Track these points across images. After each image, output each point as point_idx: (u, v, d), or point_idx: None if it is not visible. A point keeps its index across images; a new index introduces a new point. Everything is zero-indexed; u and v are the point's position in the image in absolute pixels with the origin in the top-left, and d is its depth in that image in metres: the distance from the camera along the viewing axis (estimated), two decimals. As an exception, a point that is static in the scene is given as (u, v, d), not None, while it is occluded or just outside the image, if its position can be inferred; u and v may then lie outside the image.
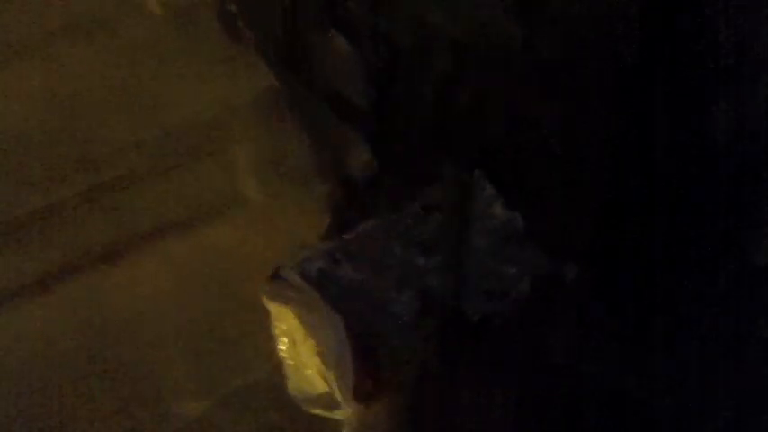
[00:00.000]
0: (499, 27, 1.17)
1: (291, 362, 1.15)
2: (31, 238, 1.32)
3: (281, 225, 1.45)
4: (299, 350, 1.13)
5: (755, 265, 1.12)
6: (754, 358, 1.13)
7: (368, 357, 1.06)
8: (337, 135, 1.50)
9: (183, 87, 1.44)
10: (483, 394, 1.18)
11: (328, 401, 1.11)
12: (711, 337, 1.14)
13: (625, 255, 1.18)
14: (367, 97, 1.41)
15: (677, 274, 1.15)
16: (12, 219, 1.28)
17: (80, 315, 1.32)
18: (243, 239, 1.44)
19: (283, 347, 1.15)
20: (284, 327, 1.15)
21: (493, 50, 1.20)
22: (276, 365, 1.24)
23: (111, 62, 1.50)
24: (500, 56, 1.19)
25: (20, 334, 1.28)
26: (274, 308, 1.16)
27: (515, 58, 1.17)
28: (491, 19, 1.18)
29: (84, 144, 1.32)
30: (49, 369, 1.23)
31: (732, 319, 1.12)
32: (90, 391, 1.20)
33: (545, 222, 1.18)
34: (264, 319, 1.25)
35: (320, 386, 1.11)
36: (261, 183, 1.49)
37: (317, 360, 1.10)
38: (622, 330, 1.17)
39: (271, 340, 1.25)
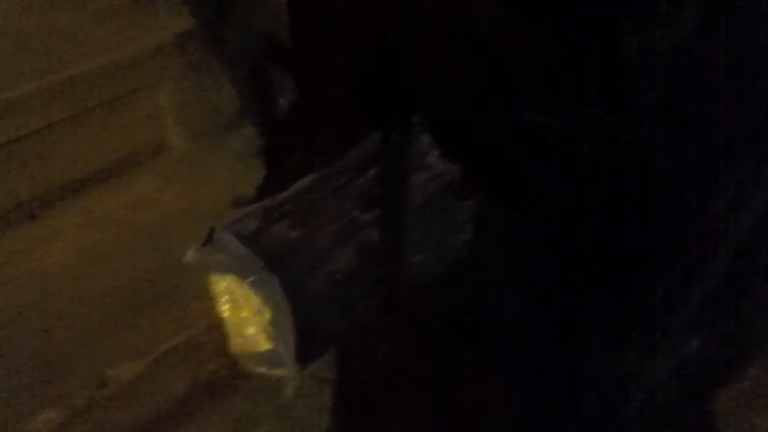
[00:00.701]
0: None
1: (233, 320, 1.13)
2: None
3: (207, 173, 1.41)
4: (240, 308, 1.12)
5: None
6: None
7: (307, 316, 1.05)
8: (263, 77, 1.45)
9: (101, 28, 1.35)
10: (429, 346, 1.20)
11: (271, 359, 1.10)
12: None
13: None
14: (297, 39, 1.36)
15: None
16: None
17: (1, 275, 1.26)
18: (168, 189, 1.40)
19: (223, 307, 1.13)
20: (223, 285, 1.12)
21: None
22: (212, 321, 1.22)
23: (23, 3, 1.38)
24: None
25: None
26: (211, 269, 1.13)
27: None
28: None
29: (-4, 93, 1.23)
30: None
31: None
32: (15, 360, 1.15)
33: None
34: (198, 273, 1.23)
35: (263, 344, 1.10)
36: (185, 128, 1.43)
37: (258, 318, 1.09)
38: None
39: (205, 295, 1.23)
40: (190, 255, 1.07)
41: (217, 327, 1.22)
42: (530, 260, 1.15)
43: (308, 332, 1.05)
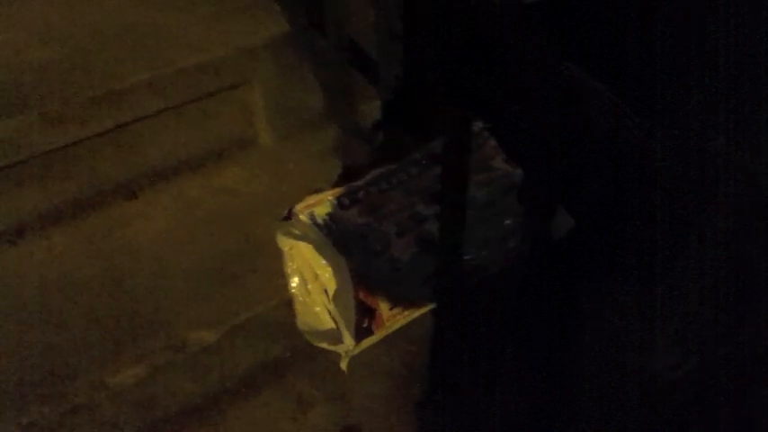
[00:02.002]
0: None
1: (301, 299, 1.22)
2: (50, 173, 1.37)
3: (289, 168, 1.50)
4: (309, 288, 1.20)
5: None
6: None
7: (368, 297, 1.13)
8: (348, 82, 1.54)
9: (199, 29, 1.46)
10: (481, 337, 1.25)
11: (333, 336, 1.18)
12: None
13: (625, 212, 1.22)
14: (379, 47, 1.44)
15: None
16: (32, 154, 1.33)
17: (97, 248, 1.38)
18: (253, 181, 1.49)
19: (294, 285, 1.22)
20: (295, 266, 1.21)
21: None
22: (282, 301, 1.31)
23: (128, 1, 1.52)
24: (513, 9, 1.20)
25: (39, 264, 1.34)
26: (287, 246, 1.23)
27: (526, 12, 1.19)
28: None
29: (101, 82, 1.35)
30: (66, 298, 1.29)
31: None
32: (104, 320, 1.26)
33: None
34: (272, 257, 1.32)
35: (327, 322, 1.18)
36: (272, 126, 1.53)
37: (324, 298, 1.17)
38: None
39: (277, 277, 1.32)
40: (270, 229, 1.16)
41: (285, 305, 1.31)
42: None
43: (366, 313, 1.13)
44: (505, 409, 1.29)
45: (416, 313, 1.20)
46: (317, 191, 1.30)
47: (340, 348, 1.18)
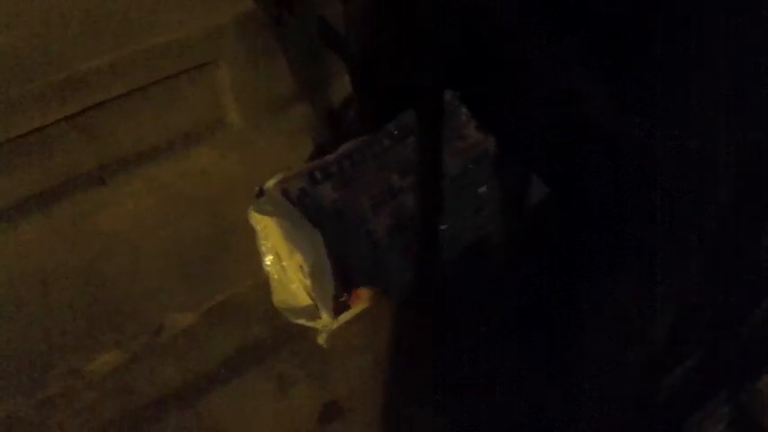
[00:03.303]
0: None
1: (276, 276, 1.21)
2: (14, 163, 1.34)
3: (260, 148, 1.48)
4: (284, 266, 1.19)
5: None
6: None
7: (345, 271, 1.12)
8: (317, 59, 1.52)
9: (161, 8, 1.43)
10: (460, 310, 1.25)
11: (310, 312, 1.17)
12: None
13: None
14: (348, 21, 1.42)
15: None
16: (-3, 143, 1.30)
17: (67, 236, 1.35)
18: (224, 162, 1.48)
19: (269, 263, 1.21)
20: (269, 244, 1.20)
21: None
22: (258, 281, 1.30)
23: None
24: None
25: (8, 255, 1.32)
26: (260, 225, 1.22)
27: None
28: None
29: (61, 66, 1.32)
30: (38, 288, 1.27)
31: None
32: (78, 308, 1.25)
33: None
34: (246, 237, 1.31)
35: (303, 299, 1.17)
36: (242, 105, 1.51)
37: (299, 275, 1.16)
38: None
39: (252, 257, 1.31)
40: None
41: (262, 286, 1.30)
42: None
43: (344, 287, 1.12)
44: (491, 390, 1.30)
45: (394, 288, 1.20)
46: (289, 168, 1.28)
47: (318, 324, 1.17)
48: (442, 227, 1.17)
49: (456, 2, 1.16)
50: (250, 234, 1.29)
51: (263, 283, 1.30)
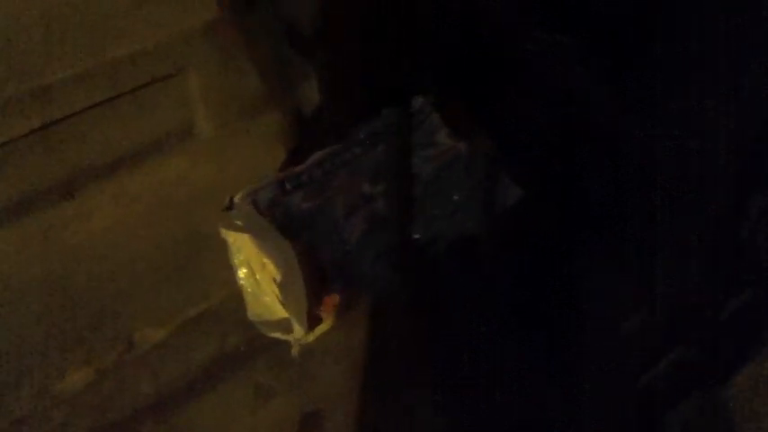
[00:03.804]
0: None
1: (250, 289, 1.20)
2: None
3: (232, 156, 1.46)
4: (257, 278, 1.18)
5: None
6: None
7: (318, 282, 1.11)
8: (287, 64, 1.51)
9: (127, 15, 1.41)
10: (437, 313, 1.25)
11: (285, 325, 1.16)
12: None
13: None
14: (315, 26, 1.41)
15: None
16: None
17: (34, 251, 1.33)
18: (195, 172, 1.45)
19: (242, 276, 1.19)
20: (242, 257, 1.19)
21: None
22: (232, 292, 1.29)
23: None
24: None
25: (-24, 269, 1.29)
26: (232, 238, 1.20)
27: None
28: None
29: (24, 78, 1.29)
30: (8, 303, 1.24)
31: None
32: (46, 325, 1.23)
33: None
34: (220, 248, 1.29)
35: (278, 312, 1.16)
36: (212, 114, 1.49)
37: (273, 287, 1.15)
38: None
39: (226, 268, 1.29)
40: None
41: (235, 297, 1.29)
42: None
43: (317, 299, 1.11)
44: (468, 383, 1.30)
45: (370, 295, 1.19)
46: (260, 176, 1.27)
47: (292, 337, 1.16)
48: (416, 235, 1.16)
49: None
50: (223, 244, 1.27)
51: (237, 293, 1.28)
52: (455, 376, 1.28)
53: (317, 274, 1.11)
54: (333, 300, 1.13)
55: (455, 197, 1.18)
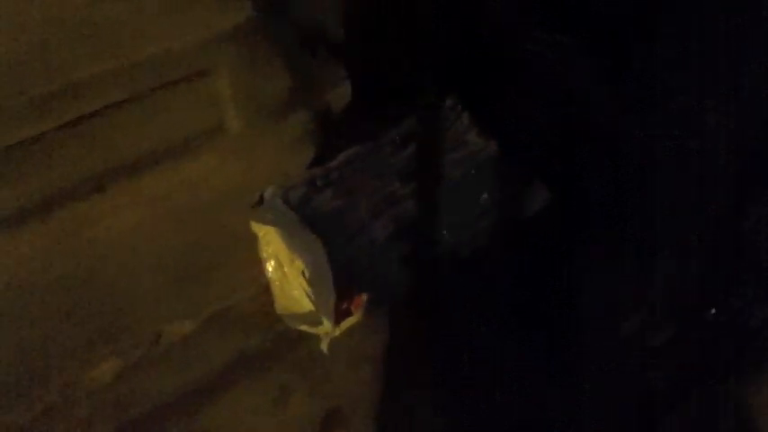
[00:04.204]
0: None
1: (278, 283, 1.20)
2: (12, 171, 1.33)
3: (259, 155, 1.48)
4: (285, 272, 1.19)
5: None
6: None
7: (346, 278, 1.11)
8: (316, 66, 1.52)
9: (160, 19, 1.43)
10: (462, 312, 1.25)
11: (312, 319, 1.17)
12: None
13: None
14: (344, 29, 1.42)
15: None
16: (-7, 151, 1.29)
17: (65, 244, 1.34)
18: (223, 170, 1.47)
19: (270, 269, 1.20)
20: (270, 250, 1.20)
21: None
22: (258, 289, 1.29)
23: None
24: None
25: (6, 264, 1.30)
26: (262, 232, 1.21)
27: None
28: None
29: (59, 74, 1.31)
30: (36, 298, 1.26)
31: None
32: (76, 317, 1.24)
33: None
34: (246, 245, 1.30)
35: (305, 305, 1.17)
36: (241, 114, 1.50)
37: (302, 281, 1.15)
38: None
39: (252, 265, 1.30)
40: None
41: (262, 294, 1.29)
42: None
43: (345, 294, 1.11)
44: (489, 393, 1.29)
45: (394, 296, 1.19)
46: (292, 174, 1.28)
47: (320, 330, 1.16)
48: (445, 236, 1.16)
49: (456, 2, 1.16)
50: (250, 242, 1.28)
51: (263, 292, 1.29)
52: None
53: (344, 269, 1.12)
54: (361, 297, 1.14)
55: (484, 198, 1.18)
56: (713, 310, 1.33)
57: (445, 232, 1.17)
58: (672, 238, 1.22)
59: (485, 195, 1.17)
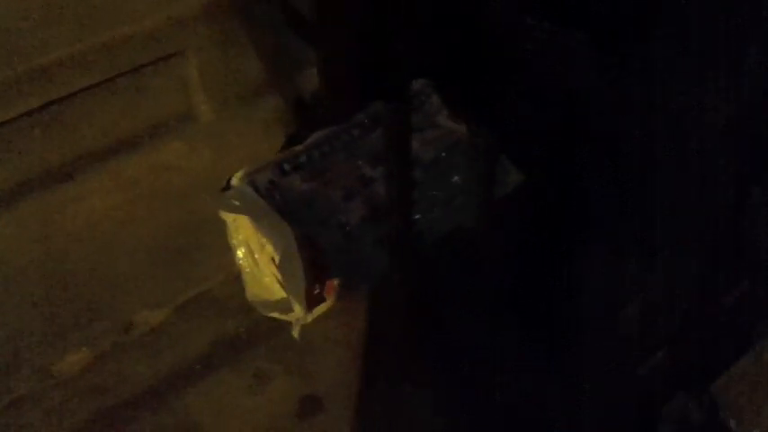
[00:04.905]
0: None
1: (249, 270, 1.19)
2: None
3: (231, 140, 1.46)
4: (256, 259, 1.18)
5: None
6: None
7: (317, 263, 1.10)
8: (288, 48, 1.50)
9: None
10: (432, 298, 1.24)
11: (284, 306, 1.16)
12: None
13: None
14: (317, 12, 1.41)
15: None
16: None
17: (34, 232, 1.33)
18: (194, 155, 1.45)
19: (241, 256, 1.19)
20: (241, 237, 1.18)
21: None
22: (230, 275, 1.28)
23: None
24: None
25: (-25, 252, 1.29)
26: (231, 219, 1.19)
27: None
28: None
29: (23, 61, 1.29)
30: (6, 284, 1.25)
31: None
32: (45, 306, 1.23)
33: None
34: (218, 231, 1.29)
35: (277, 292, 1.16)
36: (211, 97, 1.49)
37: (272, 267, 1.14)
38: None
39: (224, 251, 1.28)
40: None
41: (235, 280, 1.28)
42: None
43: (317, 279, 1.10)
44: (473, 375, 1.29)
45: (368, 280, 1.18)
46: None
47: (291, 317, 1.16)
48: (418, 218, 1.16)
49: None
50: (222, 227, 1.27)
51: (236, 277, 1.28)
52: (450, 372, 1.28)
53: (315, 256, 1.11)
54: (333, 282, 1.13)
55: (455, 179, 1.17)
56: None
57: (419, 215, 1.16)
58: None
59: (456, 177, 1.17)
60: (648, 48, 1.13)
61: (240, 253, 1.18)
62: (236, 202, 1.12)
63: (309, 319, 1.14)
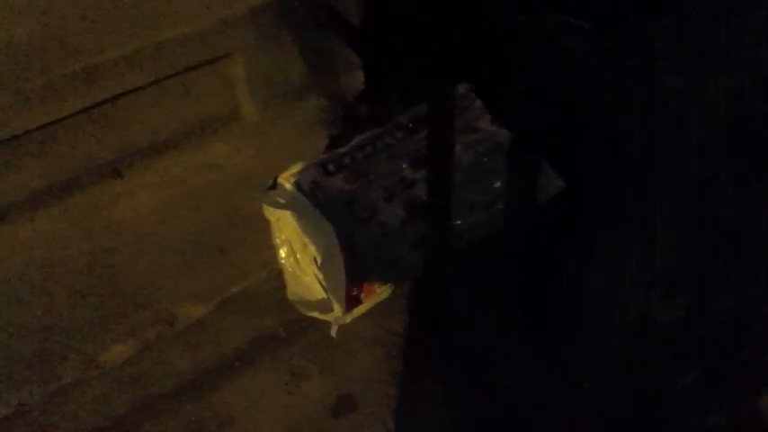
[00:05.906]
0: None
1: (290, 269, 1.21)
2: (33, 152, 1.35)
3: (273, 139, 1.48)
4: (298, 258, 1.19)
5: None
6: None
7: (357, 264, 1.11)
8: (331, 51, 1.52)
9: (178, 1, 1.43)
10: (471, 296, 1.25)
11: (324, 306, 1.17)
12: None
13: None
14: (360, 13, 1.42)
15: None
16: (11, 136, 1.30)
17: (82, 227, 1.36)
18: (238, 154, 1.47)
19: (283, 255, 1.21)
20: (283, 236, 1.20)
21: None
22: (271, 273, 1.30)
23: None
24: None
25: (24, 243, 1.32)
26: (274, 218, 1.21)
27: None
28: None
29: (78, 58, 1.32)
30: (52, 278, 1.28)
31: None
32: (91, 298, 1.26)
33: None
34: (260, 229, 1.31)
35: (317, 292, 1.17)
36: (255, 98, 1.51)
37: (313, 267, 1.16)
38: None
39: (266, 249, 1.31)
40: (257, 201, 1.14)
41: (275, 278, 1.30)
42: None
43: (356, 280, 1.12)
44: (502, 376, 1.30)
45: (405, 281, 1.19)
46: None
47: (330, 317, 1.17)
48: (457, 221, 1.16)
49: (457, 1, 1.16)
50: (264, 225, 1.29)
51: (276, 275, 1.30)
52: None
53: (355, 255, 1.12)
54: (372, 283, 1.14)
55: (496, 185, 1.17)
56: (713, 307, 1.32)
57: (456, 219, 1.17)
58: (672, 237, 1.22)
59: (496, 183, 1.17)
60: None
61: (283, 252, 1.20)
62: (281, 200, 1.14)
63: (348, 319, 1.16)
